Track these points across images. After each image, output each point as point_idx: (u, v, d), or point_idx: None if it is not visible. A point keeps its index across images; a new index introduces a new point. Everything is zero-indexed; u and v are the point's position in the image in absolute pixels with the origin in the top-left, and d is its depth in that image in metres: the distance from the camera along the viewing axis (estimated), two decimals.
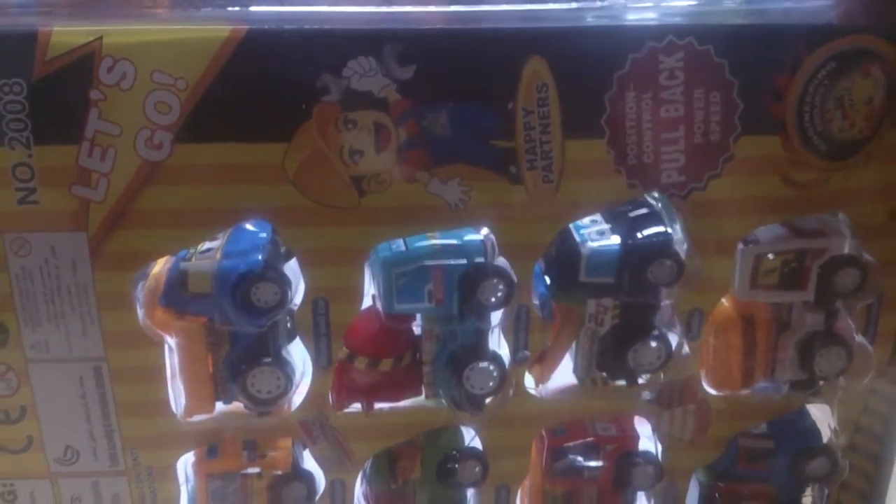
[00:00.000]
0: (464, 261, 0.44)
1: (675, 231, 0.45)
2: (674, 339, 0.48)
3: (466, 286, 0.45)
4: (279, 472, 0.48)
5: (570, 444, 0.51)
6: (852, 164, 0.45)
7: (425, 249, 0.44)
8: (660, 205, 0.46)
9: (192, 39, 0.41)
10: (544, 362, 0.49)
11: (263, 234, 0.44)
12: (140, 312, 0.45)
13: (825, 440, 0.52)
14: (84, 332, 0.45)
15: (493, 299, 0.45)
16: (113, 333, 0.45)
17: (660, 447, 0.51)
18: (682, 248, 0.46)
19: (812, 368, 0.48)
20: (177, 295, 0.44)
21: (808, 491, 0.53)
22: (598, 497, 0.52)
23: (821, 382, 0.49)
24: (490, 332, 0.47)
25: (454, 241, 0.45)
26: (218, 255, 0.44)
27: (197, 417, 0.47)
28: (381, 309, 0.46)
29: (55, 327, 0.45)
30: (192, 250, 0.45)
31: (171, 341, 0.46)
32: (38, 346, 0.45)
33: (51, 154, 0.41)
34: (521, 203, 0.44)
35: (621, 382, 0.49)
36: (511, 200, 0.44)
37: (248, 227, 0.45)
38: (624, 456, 0.50)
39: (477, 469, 0.49)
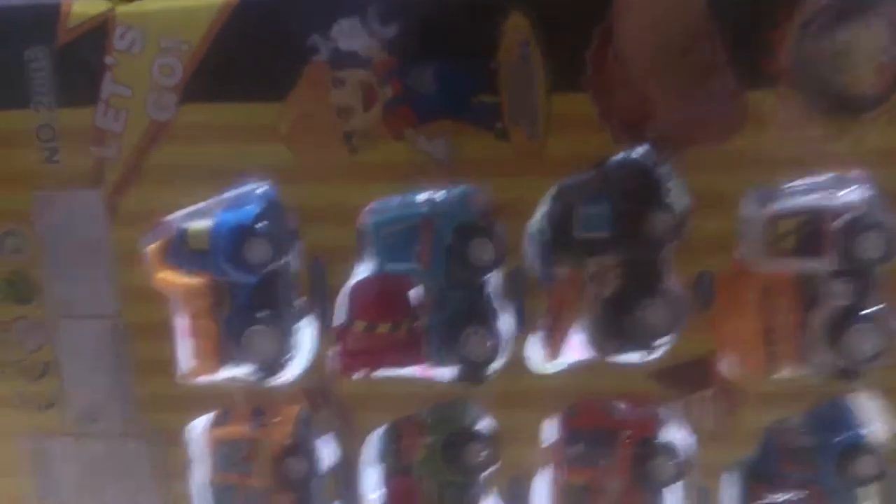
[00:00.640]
0: (453, 221, 0.44)
1: (671, 185, 0.44)
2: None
3: (456, 246, 0.44)
4: (284, 443, 0.49)
5: (584, 428, 0.48)
6: (868, 120, 0.42)
7: (413, 209, 0.45)
8: (653, 161, 0.44)
9: (193, 6, 0.44)
10: (552, 335, 0.47)
11: (261, 192, 0.46)
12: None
13: (870, 434, 0.46)
14: (101, 289, 0.48)
15: (483, 259, 0.44)
16: (128, 289, 0.48)
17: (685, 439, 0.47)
18: (679, 203, 0.44)
19: (842, 350, 0.43)
20: (179, 253, 0.46)
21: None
22: (619, 491, 0.48)
23: (858, 367, 0.44)
24: (485, 296, 0.46)
25: (442, 201, 0.45)
26: (216, 213, 0.46)
27: (202, 379, 0.49)
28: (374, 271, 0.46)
29: (76, 283, 0.48)
30: (197, 208, 0.47)
31: (176, 301, 0.48)
32: (61, 302, 0.48)
33: (71, 116, 0.46)
34: (508, 159, 0.44)
35: (634, 356, 0.46)
36: (499, 157, 0.44)
37: (249, 185, 0.47)
38: (640, 444, 0.47)
39: (483, 453, 0.47)
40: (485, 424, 0.48)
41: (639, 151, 0.44)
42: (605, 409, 0.48)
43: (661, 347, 0.46)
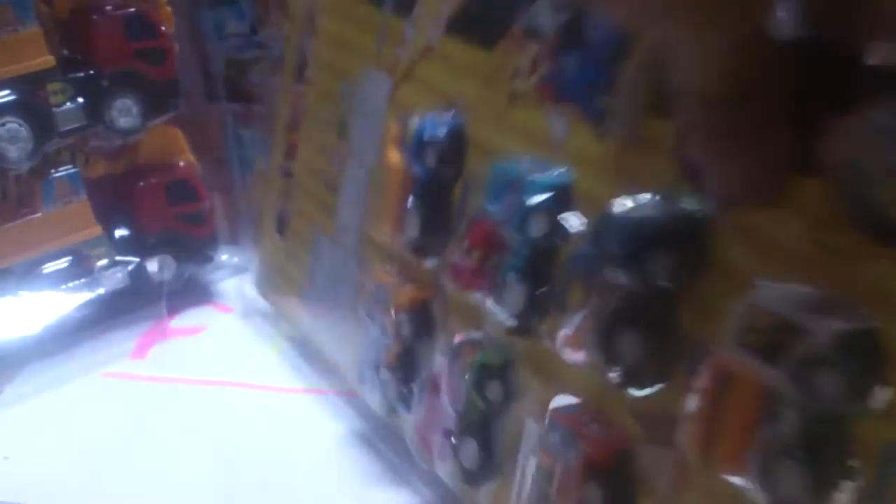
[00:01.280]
0: (533, 190, 0.50)
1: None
2: None
3: (525, 212, 0.50)
4: (401, 304, 0.62)
5: (563, 424, 0.50)
6: None
7: (518, 167, 0.52)
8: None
9: None
10: (573, 332, 0.49)
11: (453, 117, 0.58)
12: None
13: None
14: (370, 145, 0.66)
15: (537, 232, 0.50)
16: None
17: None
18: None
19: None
20: (400, 140, 0.61)
21: None
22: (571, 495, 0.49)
23: None
24: (539, 260, 0.51)
25: (537, 168, 0.51)
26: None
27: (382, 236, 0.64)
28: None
29: (361, 138, 0.67)
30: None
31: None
32: (352, 146, 0.68)
33: (395, 23, 0.63)
34: (601, 160, 0.48)
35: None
36: (596, 155, 0.48)
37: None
38: (590, 464, 0.47)
39: (499, 390, 0.53)
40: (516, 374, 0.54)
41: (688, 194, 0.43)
42: (583, 417, 0.49)
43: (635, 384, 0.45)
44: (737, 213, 0.41)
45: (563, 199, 0.50)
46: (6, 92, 0.65)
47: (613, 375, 0.47)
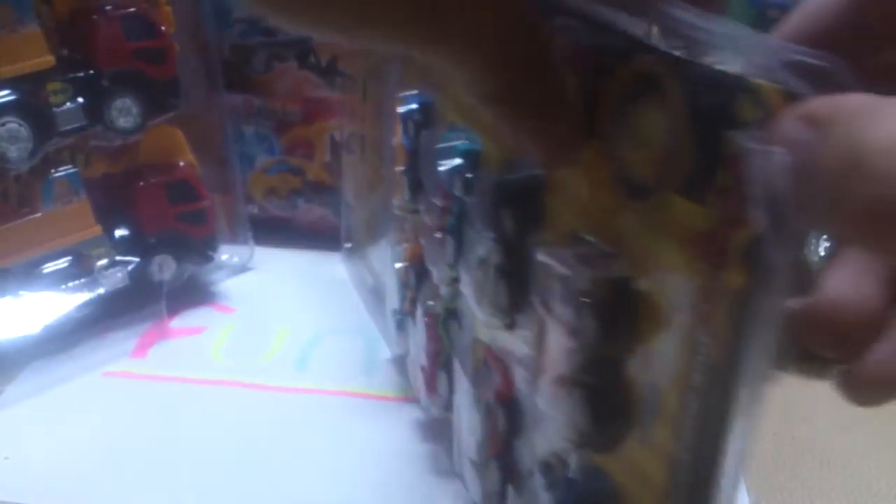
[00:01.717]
0: (457, 152, 0.57)
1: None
2: None
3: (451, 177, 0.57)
4: None
5: (489, 358, 0.56)
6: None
7: (456, 133, 0.59)
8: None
9: None
10: None
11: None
12: None
13: None
14: None
15: (458, 190, 0.56)
16: None
17: None
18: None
19: None
20: None
21: None
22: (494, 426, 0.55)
23: None
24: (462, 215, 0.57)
25: (460, 145, 0.57)
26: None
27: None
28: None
29: None
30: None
31: None
32: None
33: None
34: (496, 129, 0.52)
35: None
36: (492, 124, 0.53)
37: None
38: (498, 396, 0.53)
39: (457, 327, 0.61)
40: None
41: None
42: (501, 357, 0.55)
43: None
44: (553, 175, 0.46)
45: (475, 163, 0.56)
46: (6, 92, 0.64)
47: (500, 322, 0.53)
